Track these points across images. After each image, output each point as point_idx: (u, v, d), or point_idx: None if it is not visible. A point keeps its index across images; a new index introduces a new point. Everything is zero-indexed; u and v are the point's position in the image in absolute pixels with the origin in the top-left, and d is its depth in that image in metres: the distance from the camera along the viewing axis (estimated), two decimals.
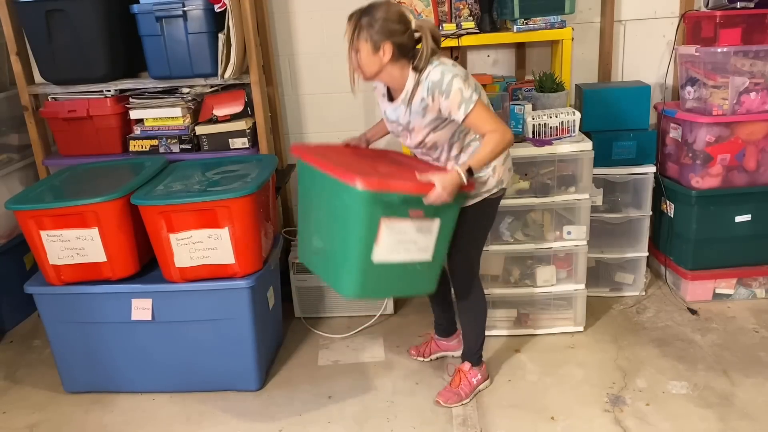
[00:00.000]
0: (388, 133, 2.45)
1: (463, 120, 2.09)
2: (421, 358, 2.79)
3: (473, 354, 2.55)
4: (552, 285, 2.86)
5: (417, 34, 2.15)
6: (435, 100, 2.11)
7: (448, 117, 2.13)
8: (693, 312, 3.04)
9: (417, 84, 2.13)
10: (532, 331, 2.92)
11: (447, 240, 2.23)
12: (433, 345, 2.80)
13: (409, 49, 2.14)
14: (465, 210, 2.28)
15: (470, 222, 2.32)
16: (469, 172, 2.09)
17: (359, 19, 2.11)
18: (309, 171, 2.23)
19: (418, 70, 2.13)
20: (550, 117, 2.72)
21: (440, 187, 2.04)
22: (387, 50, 2.10)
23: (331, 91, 3.44)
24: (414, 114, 2.18)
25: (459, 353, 2.69)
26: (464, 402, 2.49)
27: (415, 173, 2.10)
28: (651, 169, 3.05)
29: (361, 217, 2.02)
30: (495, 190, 2.31)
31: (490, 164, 2.23)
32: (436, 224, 2.16)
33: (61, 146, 3.10)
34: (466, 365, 2.54)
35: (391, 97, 2.28)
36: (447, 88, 2.07)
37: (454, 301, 2.65)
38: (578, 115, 2.72)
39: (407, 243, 2.12)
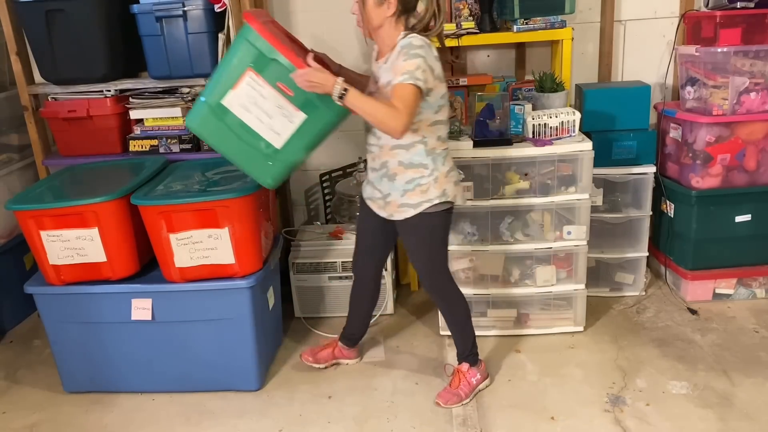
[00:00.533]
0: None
1: (395, 85, 2.05)
2: (318, 365, 2.75)
3: (467, 354, 2.54)
4: (552, 285, 2.86)
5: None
6: (398, 60, 2.10)
7: (391, 80, 2.10)
8: (693, 312, 3.04)
9: (399, 43, 2.14)
10: (532, 331, 2.92)
11: (307, 145, 2.25)
12: (336, 351, 2.77)
13: (410, 8, 2.15)
14: (407, 222, 2.28)
15: (416, 231, 2.32)
16: (344, 97, 2.06)
17: None
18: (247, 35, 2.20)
19: (408, 30, 2.15)
20: (550, 117, 2.72)
21: (310, 73, 2.06)
22: (392, 4, 2.11)
23: None
24: (386, 71, 2.17)
25: (353, 362, 2.75)
26: (464, 402, 2.49)
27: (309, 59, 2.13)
28: (651, 169, 3.05)
29: (234, 49, 2.16)
30: (436, 202, 2.24)
31: (431, 172, 2.22)
32: (299, 117, 2.18)
33: (61, 146, 3.10)
34: (464, 366, 2.54)
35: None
36: (413, 54, 2.06)
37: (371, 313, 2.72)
38: (578, 115, 2.72)
39: (262, 112, 2.18)
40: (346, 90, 2.06)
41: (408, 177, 2.24)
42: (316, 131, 2.23)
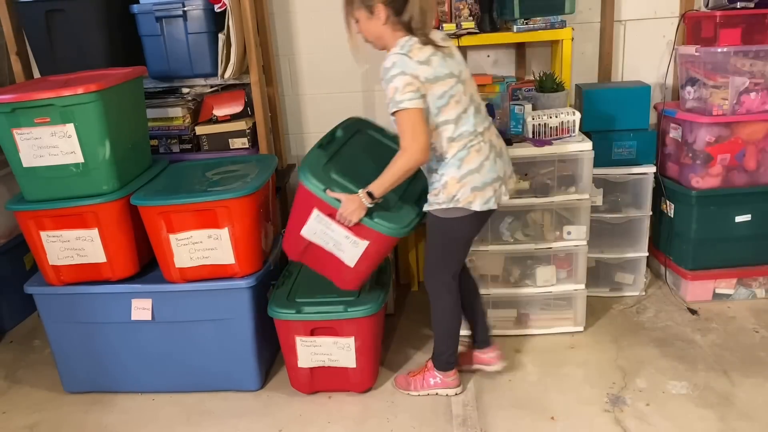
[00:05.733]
0: None
1: (390, 115, 2.11)
2: (467, 367, 2.66)
3: (437, 357, 2.52)
4: (552, 285, 2.86)
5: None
6: (382, 82, 2.12)
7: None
8: (693, 312, 3.04)
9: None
10: (532, 331, 2.92)
11: (101, 140, 2.36)
12: (476, 358, 2.66)
13: (399, 7, 2.11)
14: (428, 215, 2.30)
15: (429, 227, 2.33)
16: (373, 196, 2.15)
17: None
18: None
19: (408, 30, 2.14)
20: (550, 117, 2.72)
21: (342, 211, 2.16)
22: (380, 11, 2.11)
23: (331, 91, 3.44)
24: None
25: (494, 368, 2.63)
26: (411, 393, 2.55)
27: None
28: (651, 169, 3.05)
29: None
30: (444, 206, 2.21)
31: (440, 177, 2.20)
32: (70, 128, 2.30)
33: None
34: (430, 363, 2.55)
35: None
36: (389, 79, 2.08)
37: (483, 311, 2.63)
38: (578, 115, 2.72)
39: (47, 148, 2.35)
40: (369, 193, 2.14)
41: (431, 179, 2.27)
42: (93, 123, 2.35)
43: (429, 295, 2.46)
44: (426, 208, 2.28)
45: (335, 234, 2.26)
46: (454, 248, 2.36)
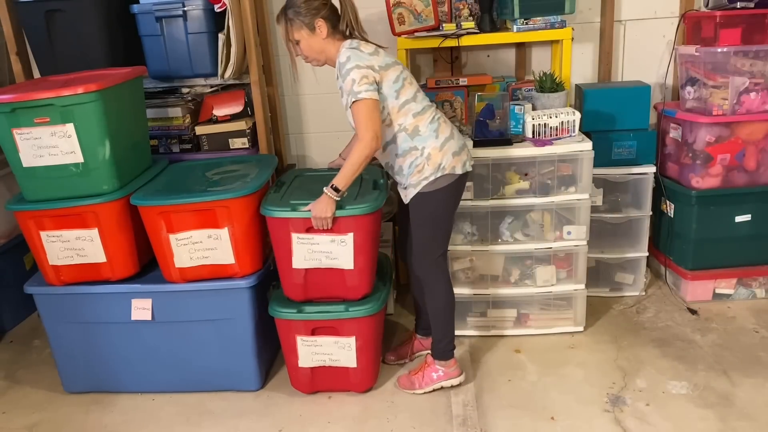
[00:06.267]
0: None
1: (347, 108, 2.22)
2: (403, 361, 2.78)
3: (436, 346, 2.54)
4: (552, 285, 2.86)
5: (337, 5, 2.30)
6: (338, 81, 2.26)
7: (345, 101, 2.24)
8: (693, 312, 3.04)
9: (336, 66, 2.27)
10: (532, 331, 2.92)
11: (101, 140, 2.36)
12: (416, 344, 2.80)
13: (336, 22, 2.28)
14: (412, 202, 2.38)
15: (415, 210, 2.39)
16: (339, 190, 2.25)
17: (285, 13, 2.29)
18: None
19: (346, 36, 2.30)
20: (550, 117, 2.72)
21: (314, 216, 2.26)
22: (321, 26, 2.26)
23: (331, 91, 3.42)
24: (340, 89, 2.28)
25: None
26: (416, 392, 2.55)
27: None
28: (651, 169, 3.05)
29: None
30: (432, 178, 2.31)
31: (422, 152, 2.29)
32: (70, 128, 2.32)
33: None
34: (429, 357, 2.56)
35: None
36: (345, 73, 2.20)
37: None
38: (578, 115, 2.72)
39: (47, 147, 2.34)
40: (334, 186, 2.25)
41: (407, 162, 2.34)
42: (91, 122, 2.35)
43: (423, 280, 2.49)
44: (415, 191, 2.34)
45: (321, 245, 2.35)
46: (444, 222, 2.44)
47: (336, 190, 2.25)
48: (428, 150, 2.30)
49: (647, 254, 3.15)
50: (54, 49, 2.89)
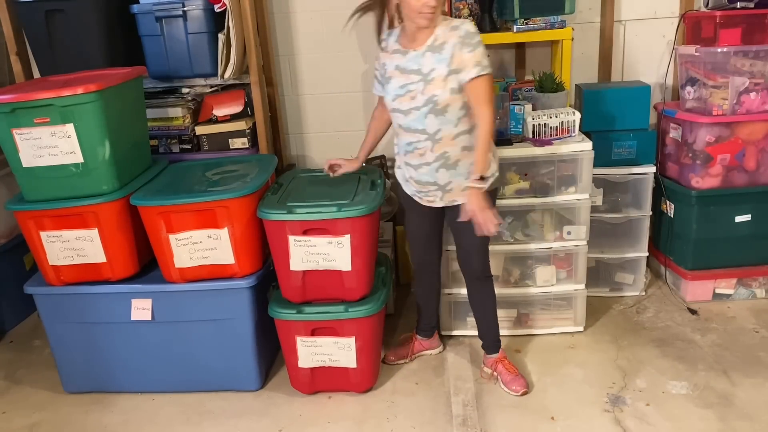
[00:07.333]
0: (380, 138, 2.51)
1: (471, 80, 2.12)
2: (403, 361, 2.78)
3: (494, 342, 2.61)
4: (552, 285, 2.86)
5: None
6: (461, 50, 2.13)
7: (457, 70, 2.13)
8: (693, 312, 3.04)
9: (453, 29, 2.16)
10: (532, 331, 2.92)
11: (101, 140, 2.36)
12: (417, 344, 2.80)
13: None
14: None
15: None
16: (486, 179, 2.15)
17: None
18: None
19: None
20: (550, 117, 2.71)
21: (477, 216, 2.11)
22: None
23: (331, 91, 3.44)
24: (440, 61, 2.16)
25: (436, 352, 2.81)
26: (527, 391, 2.54)
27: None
28: (651, 169, 3.05)
29: None
30: (497, 175, 2.33)
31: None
32: (69, 128, 2.32)
33: None
34: (491, 360, 2.60)
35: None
36: (476, 44, 2.13)
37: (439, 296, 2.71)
38: (578, 115, 2.72)
39: (47, 148, 2.34)
40: (481, 176, 2.13)
41: (471, 160, 2.24)
42: (93, 123, 2.36)
43: (482, 282, 2.51)
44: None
45: (318, 247, 2.35)
46: None
47: (482, 179, 2.13)
48: (493, 146, 2.28)
49: (647, 254, 3.15)
50: (54, 49, 2.89)
